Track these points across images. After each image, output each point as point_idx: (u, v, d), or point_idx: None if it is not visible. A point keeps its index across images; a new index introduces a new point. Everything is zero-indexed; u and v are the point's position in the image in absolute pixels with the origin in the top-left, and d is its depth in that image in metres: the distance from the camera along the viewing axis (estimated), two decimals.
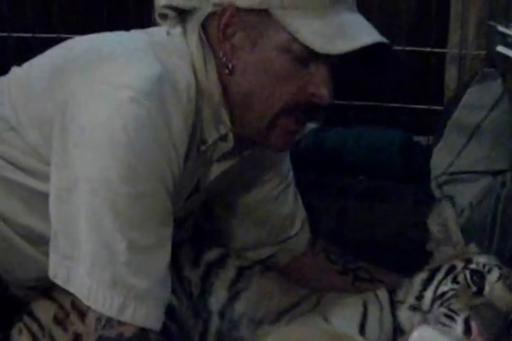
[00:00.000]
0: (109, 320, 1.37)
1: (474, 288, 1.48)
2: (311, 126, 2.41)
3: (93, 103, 1.38)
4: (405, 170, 2.25)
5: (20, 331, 1.66)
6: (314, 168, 2.26)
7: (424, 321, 1.47)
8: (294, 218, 1.87)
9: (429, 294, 1.52)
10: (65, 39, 1.63)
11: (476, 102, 2.09)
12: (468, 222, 1.87)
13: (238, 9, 1.45)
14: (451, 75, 2.37)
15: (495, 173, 1.98)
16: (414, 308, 1.52)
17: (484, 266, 1.51)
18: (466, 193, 1.99)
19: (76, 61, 1.49)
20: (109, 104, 1.37)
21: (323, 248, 1.93)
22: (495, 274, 1.49)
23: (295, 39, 1.43)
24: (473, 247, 1.61)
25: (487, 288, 1.48)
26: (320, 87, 1.47)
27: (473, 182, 2.01)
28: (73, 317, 1.56)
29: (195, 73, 1.50)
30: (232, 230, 1.85)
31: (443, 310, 1.45)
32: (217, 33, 1.48)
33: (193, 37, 1.51)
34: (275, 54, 1.45)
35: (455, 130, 2.10)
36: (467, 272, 1.50)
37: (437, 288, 1.52)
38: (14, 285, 1.67)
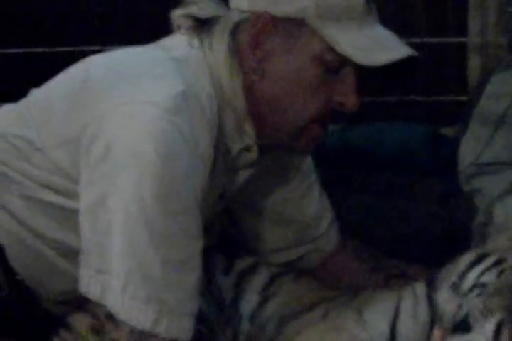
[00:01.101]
0: (142, 332, 1.40)
1: None
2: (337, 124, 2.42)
3: (119, 121, 1.41)
4: (432, 162, 2.24)
5: None
6: (341, 166, 2.27)
7: (461, 308, 1.43)
8: (321, 217, 1.87)
9: (472, 276, 1.47)
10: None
11: (501, 91, 2.06)
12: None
13: (273, 17, 1.48)
14: (473, 64, 2.34)
15: None
16: (454, 288, 1.47)
17: None
18: (495, 185, 1.96)
19: (96, 83, 1.51)
20: (136, 122, 1.40)
21: (353, 247, 1.92)
22: None
23: (330, 49, 1.46)
24: None
25: None
26: (348, 95, 1.50)
27: (502, 173, 1.98)
28: (108, 326, 1.56)
29: (215, 85, 1.51)
30: (258, 233, 1.85)
31: (479, 303, 1.40)
32: (248, 41, 1.50)
33: (220, 46, 1.53)
34: (308, 63, 1.48)
35: (480, 120, 2.07)
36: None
37: (482, 274, 1.47)
38: (46, 299, 1.68)
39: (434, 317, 1.52)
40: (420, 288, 1.60)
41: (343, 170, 2.23)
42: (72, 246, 1.53)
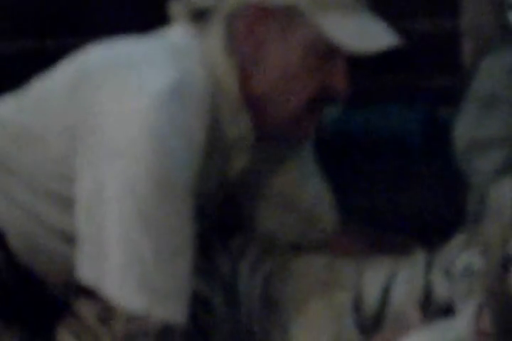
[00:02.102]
0: (137, 316, 1.42)
1: (500, 270, 1.44)
2: (335, 109, 2.46)
3: (114, 110, 1.44)
4: (428, 144, 2.27)
5: (65, 331, 1.67)
6: (339, 149, 2.31)
7: (451, 291, 1.47)
8: (321, 199, 1.90)
9: (461, 261, 1.52)
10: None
11: (492, 71, 2.09)
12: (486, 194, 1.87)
13: (266, 7, 1.51)
14: (466, 47, 2.37)
15: None
16: (446, 271, 1.52)
17: None
18: (488, 163, 2.00)
19: (94, 73, 1.54)
20: (130, 112, 1.42)
21: (353, 228, 1.96)
22: None
23: (321, 37, 1.50)
24: None
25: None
26: (338, 80, 1.54)
27: (494, 151, 2.01)
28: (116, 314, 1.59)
29: (211, 73, 1.54)
30: (259, 217, 1.88)
31: (463, 285, 1.46)
32: (242, 30, 1.53)
33: (216, 36, 1.56)
34: (300, 50, 1.51)
35: (473, 101, 2.09)
36: (498, 253, 1.45)
37: (470, 259, 1.52)
38: (50, 284, 1.71)
39: (429, 291, 1.55)
40: (420, 255, 1.63)
41: (341, 153, 2.27)
42: (71, 232, 1.55)
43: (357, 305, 1.58)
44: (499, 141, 2.02)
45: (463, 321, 1.39)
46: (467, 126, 2.10)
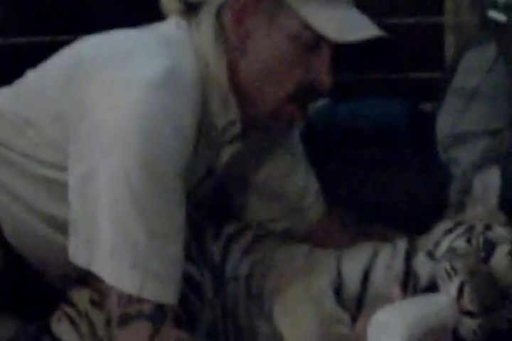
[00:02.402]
0: (129, 297, 1.44)
1: (483, 254, 1.49)
2: (321, 102, 2.49)
3: (106, 98, 1.46)
4: (411, 136, 2.31)
5: (59, 318, 1.72)
6: (328, 142, 2.34)
7: (434, 271, 1.49)
8: (308, 190, 1.94)
9: (445, 243, 1.54)
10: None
11: (473, 66, 2.14)
12: (469, 182, 1.89)
13: None
14: (449, 42, 2.41)
15: (493, 133, 2.04)
16: (430, 254, 1.54)
17: (499, 237, 1.52)
18: (468, 154, 2.06)
19: (88, 63, 1.56)
20: (122, 100, 1.44)
21: (338, 214, 2.00)
22: (506, 248, 1.48)
23: (307, 27, 1.52)
24: (501, 217, 1.62)
25: (493, 259, 1.47)
26: (322, 73, 1.56)
27: (474, 142, 2.07)
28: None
29: (201, 64, 1.57)
30: (248, 206, 1.92)
31: (446, 264, 1.47)
32: (231, 19, 1.55)
33: (207, 27, 1.59)
34: (286, 40, 1.53)
35: (455, 94, 2.15)
36: (481, 237, 1.51)
37: (453, 241, 1.54)
38: (45, 273, 1.75)
39: (410, 273, 1.58)
40: (401, 242, 1.67)
41: (328, 144, 2.31)
42: (64, 220, 1.57)
43: (337, 288, 1.59)
44: (478, 134, 2.08)
45: (443, 296, 1.43)
46: (448, 119, 2.15)
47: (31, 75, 1.69)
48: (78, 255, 1.49)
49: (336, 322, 1.39)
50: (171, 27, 1.62)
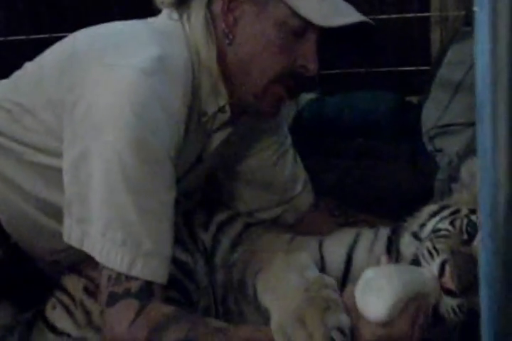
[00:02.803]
0: (118, 276, 1.47)
1: (465, 236, 1.51)
2: (311, 96, 2.53)
3: (99, 82, 1.50)
4: (398, 128, 2.33)
5: (54, 305, 1.74)
6: (316, 133, 2.37)
7: (417, 251, 1.50)
8: (296, 179, 1.97)
9: (430, 225, 1.56)
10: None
11: (458, 59, 2.19)
12: (456, 170, 1.89)
13: None
14: (435, 37, 2.45)
15: None
16: (415, 235, 1.56)
17: None
18: (454, 144, 2.09)
19: (82, 54, 1.60)
20: (115, 84, 1.49)
21: (326, 204, 2.03)
22: None
23: (294, 14, 1.56)
24: None
25: (476, 242, 1.48)
26: (308, 59, 1.60)
27: (459, 133, 2.10)
28: None
29: (193, 52, 1.61)
30: (237, 195, 1.95)
31: (429, 244, 1.49)
32: (221, 7, 1.60)
33: (198, 17, 1.62)
34: (273, 27, 1.57)
35: (441, 86, 2.20)
36: (465, 220, 1.53)
37: (438, 222, 1.56)
38: (38, 259, 1.77)
39: (397, 255, 1.59)
40: (383, 229, 1.69)
41: (317, 136, 2.34)
42: (59, 206, 1.60)
43: (320, 271, 1.58)
44: (464, 125, 2.12)
45: (427, 271, 1.44)
46: (434, 111, 2.19)
47: (29, 67, 1.73)
48: (71, 235, 1.52)
49: (323, 287, 1.39)
50: (163, 18, 1.67)
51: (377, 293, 1.34)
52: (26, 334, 1.74)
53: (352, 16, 1.58)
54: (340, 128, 2.38)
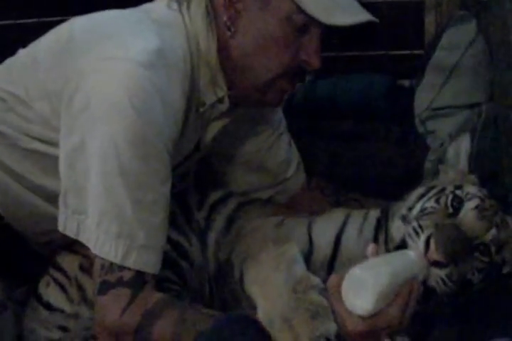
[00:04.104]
0: (111, 265, 1.48)
1: (451, 210, 1.52)
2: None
3: (98, 75, 1.49)
4: (391, 111, 2.34)
5: (48, 283, 1.75)
6: (308, 116, 2.38)
7: (406, 234, 1.51)
8: (289, 162, 2.00)
9: (417, 207, 1.58)
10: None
11: (453, 43, 2.19)
12: (445, 152, 1.89)
13: None
14: (429, 21, 2.45)
15: (472, 106, 2.09)
16: (403, 219, 1.57)
17: (468, 194, 1.55)
18: (447, 126, 2.10)
19: (79, 42, 1.58)
20: (113, 77, 1.48)
21: (318, 184, 2.06)
22: (473, 203, 1.53)
23: (298, 10, 1.55)
24: (472, 178, 1.66)
25: (461, 214, 1.51)
26: (311, 55, 1.61)
27: (452, 116, 2.11)
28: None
29: (192, 43, 1.60)
30: (231, 178, 1.97)
31: (414, 223, 1.51)
32: (223, 0, 1.59)
33: (198, 8, 1.62)
34: (278, 22, 1.57)
35: (435, 70, 2.20)
36: (450, 196, 1.55)
37: (425, 203, 1.57)
38: (32, 240, 1.78)
39: (386, 237, 1.62)
40: (373, 211, 1.70)
41: (309, 119, 2.34)
42: (53, 191, 1.61)
43: (309, 254, 1.63)
44: (457, 108, 2.13)
45: (412, 251, 1.46)
46: (427, 94, 2.20)
47: (22, 54, 1.71)
48: (67, 226, 1.53)
49: (308, 288, 1.40)
50: (162, 8, 1.65)
51: (364, 292, 1.34)
52: (20, 310, 1.75)
53: (357, 15, 1.57)
54: (333, 111, 2.39)
